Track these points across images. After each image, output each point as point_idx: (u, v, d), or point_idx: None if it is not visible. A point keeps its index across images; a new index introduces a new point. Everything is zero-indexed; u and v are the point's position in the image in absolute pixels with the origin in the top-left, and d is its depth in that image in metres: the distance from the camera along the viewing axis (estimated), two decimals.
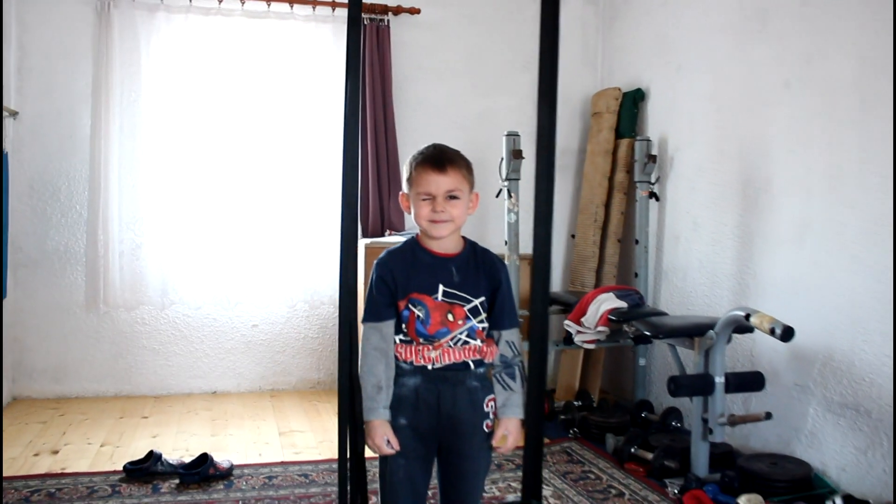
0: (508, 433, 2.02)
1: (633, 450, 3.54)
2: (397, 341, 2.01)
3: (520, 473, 1.84)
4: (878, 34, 3.05)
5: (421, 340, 1.99)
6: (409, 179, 2.02)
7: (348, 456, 1.71)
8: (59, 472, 3.38)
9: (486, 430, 2.03)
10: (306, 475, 3.39)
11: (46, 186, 4.56)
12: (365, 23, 4.81)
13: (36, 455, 3.62)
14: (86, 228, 4.56)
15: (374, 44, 4.78)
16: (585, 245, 4.64)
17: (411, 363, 2.00)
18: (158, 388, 4.74)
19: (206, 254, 4.68)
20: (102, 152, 4.49)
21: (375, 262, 2.05)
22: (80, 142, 4.56)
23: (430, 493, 2.11)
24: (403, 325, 2.00)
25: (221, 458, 3.46)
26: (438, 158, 1.99)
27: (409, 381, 2.00)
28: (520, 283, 4.19)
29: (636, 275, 4.38)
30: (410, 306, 1.99)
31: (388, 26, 4.84)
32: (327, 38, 4.79)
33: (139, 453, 3.57)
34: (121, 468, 3.37)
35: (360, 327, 1.84)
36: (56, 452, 3.66)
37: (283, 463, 3.55)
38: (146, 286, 4.63)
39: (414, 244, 2.06)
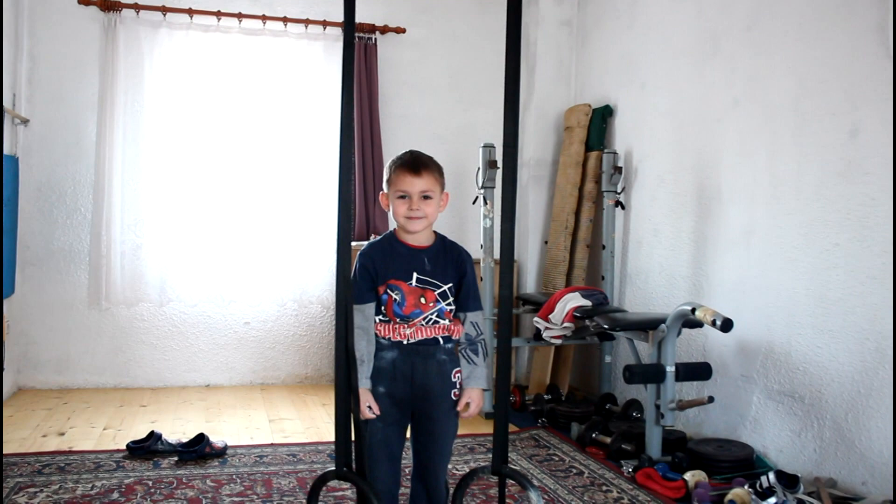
0: (472, 401, 2.35)
1: (594, 435, 3.87)
2: (377, 321, 2.33)
3: (490, 455, 2.16)
4: (815, 58, 3.40)
5: (398, 320, 2.31)
6: (389, 181, 2.36)
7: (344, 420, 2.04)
8: (67, 450, 3.68)
9: (453, 398, 2.36)
10: (294, 455, 3.69)
11: (53, 189, 4.87)
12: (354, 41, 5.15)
13: (44, 436, 3.91)
14: (90, 229, 4.87)
15: (361, 61, 5.13)
16: (557, 250, 4.97)
17: (389, 339, 2.32)
18: (155, 381, 5.04)
19: (202, 255, 5.01)
20: (107, 158, 4.81)
21: (359, 252, 2.37)
22: (85, 148, 4.88)
23: (404, 454, 2.42)
24: (382, 307, 2.33)
25: (217, 439, 3.76)
26: (414, 163, 2.33)
27: (387, 355, 2.32)
28: (494, 286, 4.51)
29: (603, 277, 4.72)
30: (389, 291, 2.31)
31: (375, 44, 5.19)
32: (318, 54, 5.13)
33: (140, 435, 3.87)
34: (123, 447, 3.67)
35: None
36: (62, 434, 3.95)
37: (272, 445, 3.86)
38: (145, 284, 4.94)
39: (391, 238, 2.39)
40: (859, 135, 3.20)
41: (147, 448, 3.61)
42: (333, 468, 1.96)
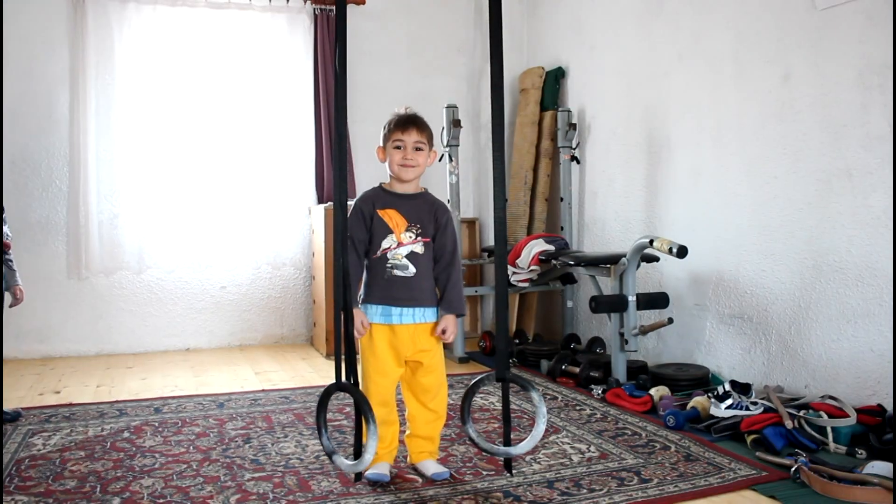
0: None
1: (563, 367, 4.20)
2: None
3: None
4: (750, 12, 3.77)
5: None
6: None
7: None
8: (68, 403, 3.85)
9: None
10: (286, 397, 3.93)
11: (28, 163, 4.98)
12: (315, 13, 5.38)
13: (41, 395, 4.06)
14: (66, 201, 5.01)
15: (324, 33, 5.36)
16: (517, 205, 5.29)
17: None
18: (136, 347, 5.21)
19: (177, 222, 5.19)
20: (81, 131, 4.95)
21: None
22: (57, 122, 5.00)
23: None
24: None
25: (208, 392, 3.97)
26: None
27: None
28: (461, 238, 4.80)
29: (562, 228, 5.05)
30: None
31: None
32: (282, 26, 5.35)
33: (134, 391, 4.06)
34: (121, 400, 3.86)
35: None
36: (58, 392, 4.11)
37: (263, 391, 4.09)
38: (123, 253, 5.10)
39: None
40: (791, 79, 3.57)
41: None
42: (334, 385, 2.37)
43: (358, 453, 2.48)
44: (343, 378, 2.40)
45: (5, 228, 3.43)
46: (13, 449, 3.06)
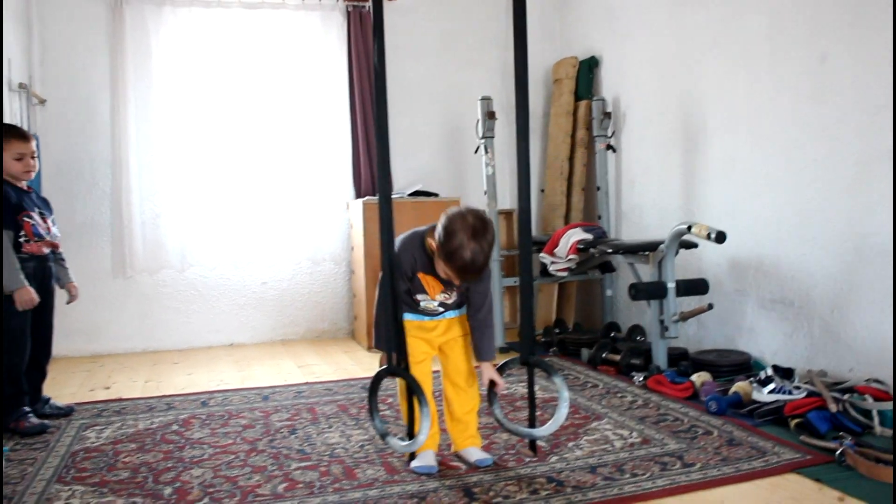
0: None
1: (604, 355, 4.21)
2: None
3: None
4: None
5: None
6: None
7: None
8: (117, 398, 3.95)
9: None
10: (329, 389, 3.99)
11: (72, 166, 5.10)
12: (348, 10, 5.43)
13: (91, 391, 4.17)
14: (110, 202, 5.13)
15: (357, 29, 5.41)
16: (554, 195, 5.29)
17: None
18: (181, 343, 5.31)
19: (218, 220, 5.29)
20: (122, 134, 5.06)
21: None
22: (100, 126, 5.12)
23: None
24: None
25: (252, 386, 4.05)
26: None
27: None
28: (498, 233, 4.83)
29: (599, 217, 5.05)
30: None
31: (368, 12, 5.45)
32: (315, 24, 5.41)
33: (181, 386, 4.15)
34: (169, 394, 3.95)
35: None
36: (108, 388, 4.22)
37: (307, 383, 4.15)
38: (166, 252, 5.21)
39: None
40: (827, 60, 3.53)
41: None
42: (385, 370, 2.49)
43: (410, 435, 2.52)
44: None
45: (54, 229, 3.52)
46: (67, 442, 3.15)
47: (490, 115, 4.72)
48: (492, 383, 2.69)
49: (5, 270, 3.19)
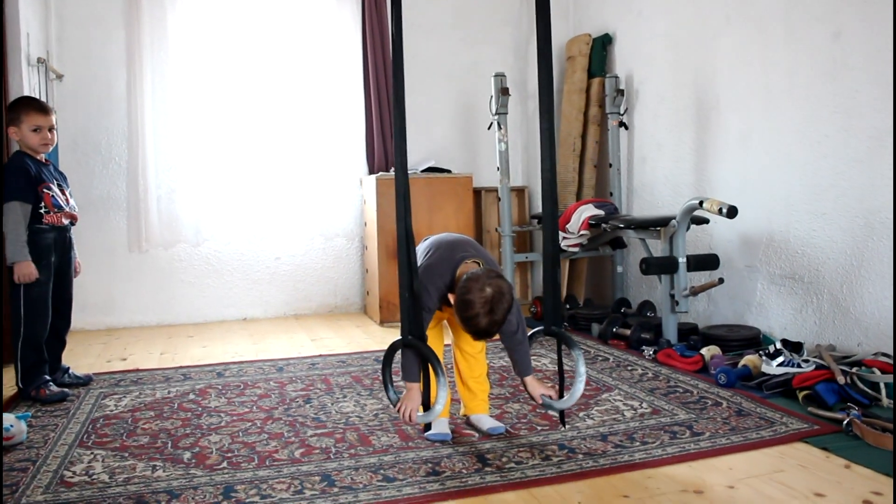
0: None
1: (614, 329, 4.24)
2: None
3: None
4: None
5: None
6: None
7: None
8: (134, 368, 4.02)
9: None
10: (343, 361, 4.05)
11: (88, 141, 5.15)
12: None
13: (108, 361, 4.24)
14: (126, 177, 5.17)
15: (371, 6, 5.42)
16: (566, 172, 5.31)
17: None
18: (196, 317, 5.38)
19: (232, 195, 5.33)
20: (138, 109, 5.10)
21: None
22: (116, 101, 5.16)
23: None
24: None
25: (267, 358, 4.10)
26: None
27: None
28: (510, 206, 4.85)
29: (611, 193, 5.07)
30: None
31: None
32: (330, 1, 5.41)
33: (196, 358, 4.21)
34: (185, 365, 4.02)
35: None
36: (124, 360, 4.29)
37: (321, 356, 4.21)
38: (181, 226, 5.26)
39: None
40: (842, 36, 3.53)
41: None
42: (398, 341, 2.50)
43: (426, 406, 2.57)
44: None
45: (72, 201, 3.58)
46: (87, 409, 3.22)
47: (503, 92, 4.73)
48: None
49: (10, 242, 3.25)
